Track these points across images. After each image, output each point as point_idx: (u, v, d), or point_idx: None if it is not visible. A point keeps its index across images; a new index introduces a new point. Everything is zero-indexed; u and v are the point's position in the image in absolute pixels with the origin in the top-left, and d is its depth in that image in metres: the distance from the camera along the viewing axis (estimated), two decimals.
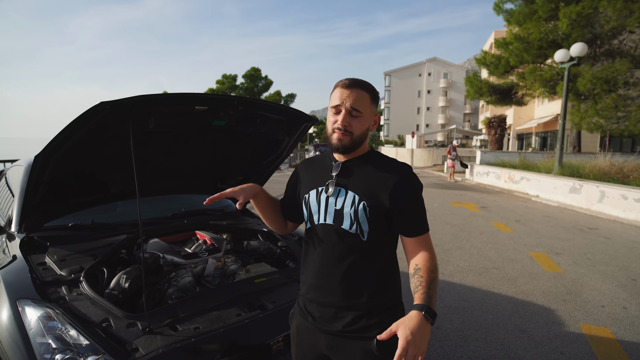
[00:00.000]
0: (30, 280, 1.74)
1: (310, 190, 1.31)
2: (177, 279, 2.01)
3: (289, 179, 1.48)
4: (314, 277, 1.28)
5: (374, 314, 1.22)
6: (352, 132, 1.20)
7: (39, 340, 1.41)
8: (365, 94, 1.20)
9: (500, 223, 7.20)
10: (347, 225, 1.22)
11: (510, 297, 3.68)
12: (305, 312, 1.31)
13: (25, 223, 2.19)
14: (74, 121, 1.59)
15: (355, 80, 1.21)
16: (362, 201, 1.20)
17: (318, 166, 1.38)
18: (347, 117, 1.19)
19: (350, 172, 1.27)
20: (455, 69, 64.96)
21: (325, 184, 1.28)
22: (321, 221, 1.27)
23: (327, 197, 1.26)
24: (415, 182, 1.23)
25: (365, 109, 1.20)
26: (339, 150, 1.23)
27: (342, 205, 1.22)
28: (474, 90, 19.66)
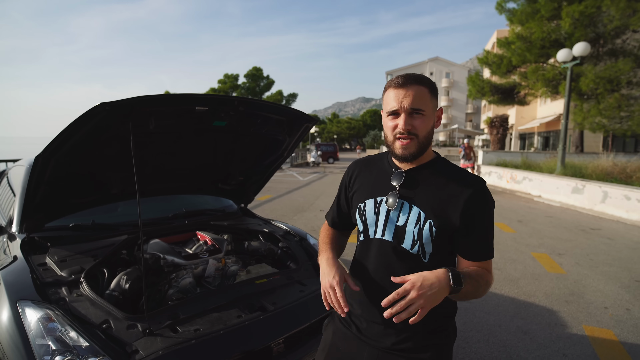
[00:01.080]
0: (31, 281, 1.74)
1: (367, 199, 1.18)
2: (178, 279, 2.01)
3: (341, 180, 1.33)
4: (364, 294, 1.18)
5: (426, 335, 1.12)
6: (417, 135, 1.07)
7: (38, 342, 1.41)
8: (423, 89, 1.06)
9: (502, 223, 7.17)
10: (409, 244, 1.09)
11: (512, 298, 3.66)
12: (350, 322, 1.22)
13: (26, 223, 2.19)
14: (74, 122, 1.58)
15: (408, 76, 1.07)
16: (428, 219, 1.07)
17: (376, 170, 1.23)
18: (409, 119, 1.06)
19: (416, 183, 1.12)
20: (457, 68, 64.86)
21: (385, 194, 1.14)
22: (378, 236, 1.14)
23: (388, 210, 1.12)
24: (490, 200, 1.10)
25: (426, 105, 1.06)
26: (407, 159, 1.10)
27: (405, 222, 1.09)
28: (476, 90, 19.62)
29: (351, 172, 1.30)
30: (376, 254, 1.14)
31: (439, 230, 1.06)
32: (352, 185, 1.27)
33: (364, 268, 1.19)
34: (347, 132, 76.86)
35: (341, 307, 1.06)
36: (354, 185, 1.26)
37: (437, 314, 1.08)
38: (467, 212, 1.06)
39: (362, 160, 1.32)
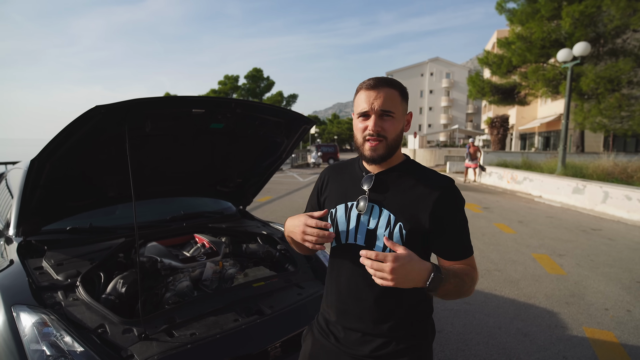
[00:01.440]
0: (27, 285, 1.72)
1: (338, 205, 1.17)
2: (175, 283, 2.00)
3: (314, 186, 1.32)
4: (340, 301, 1.17)
5: (404, 340, 1.12)
6: (386, 137, 1.06)
7: (33, 347, 1.40)
8: (394, 92, 1.07)
9: (502, 224, 7.16)
10: (380, 247, 1.09)
11: (513, 300, 3.65)
12: (328, 332, 1.20)
13: (22, 227, 2.18)
14: (70, 125, 1.57)
15: (380, 79, 1.07)
16: (398, 222, 1.07)
17: (347, 175, 1.22)
18: (379, 120, 1.05)
19: (385, 186, 1.13)
20: (458, 68, 64.86)
21: (356, 198, 1.14)
22: (350, 241, 1.14)
23: (359, 215, 1.12)
24: (459, 199, 1.10)
25: (396, 108, 1.06)
26: (375, 161, 1.10)
27: (375, 226, 1.09)
28: (476, 90, 19.61)
29: (323, 177, 1.29)
30: (350, 260, 1.13)
31: (409, 233, 1.06)
32: (324, 191, 1.26)
33: (339, 274, 1.18)
34: (348, 132, 76.80)
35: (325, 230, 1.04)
36: (325, 190, 1.26)
37: (414, 315, 1.12)
38: (437, 212, 1.06)
39: (334, 165, 1.32)
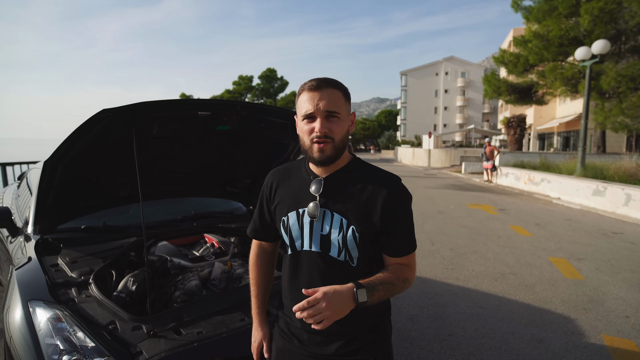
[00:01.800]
0: (43, 281, 1.78)
1: (290, 212, 1.16)
2: (184, 282, 2.03)
3: (260, 193, 1.30)
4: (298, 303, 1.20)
5: (366, 336, 1.16)
6: (333, 138, 1.06)
7: (47, 341, 1.44)
8: (337, 92, 1.06)
9: (518, 226, 7.01)
10: (335, 252, 1.10)
11: (527, 305, 3.57)
12: (290, 335, 1.20)
13: (39, 225, 2.25)
14: (79, 128, 1.62)
15: (322, 80, 1.06)
16: (350, 225, 1.08)
17: (295, 180, 1.20)
18: (325, 122, 1.04)
19: (334, 189, 1.12)
20: (473, 67, 63.88)
21: (306, 204, 1.13)
22: (305, 247, 1.14)
23: (312, 221, 1.11)
24: (406, 197, 1.13)
25: (341, 109, 1.06)
26: (324, 163, 1.09)
27: (329, 231, 1.10)
28: (492, 90, 19.29)
29: (270, 183, 1.26)
30: (307, 266, 1.14)
31: (362, 235, 1.08)
32: (274, 198, 1.23)
33: (298, 280, 1.17)
34: (362, 132, 76.63)
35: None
36: (275, 197, 1.23)
37: (372, 314, 1.16)
38: (387, 212, 1.08)
39: (279, 169, 1.28)
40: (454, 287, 4.01)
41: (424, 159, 28.49)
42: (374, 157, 47.84)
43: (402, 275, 1.11)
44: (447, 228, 6.82)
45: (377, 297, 1.03)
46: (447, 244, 5.74)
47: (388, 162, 34.93)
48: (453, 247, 5.57)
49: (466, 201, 10.11)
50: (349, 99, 1.11)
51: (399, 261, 1.14)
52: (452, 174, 19.94)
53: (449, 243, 5.78)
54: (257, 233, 1.32)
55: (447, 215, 8.02)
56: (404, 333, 2.99)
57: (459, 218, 7.75)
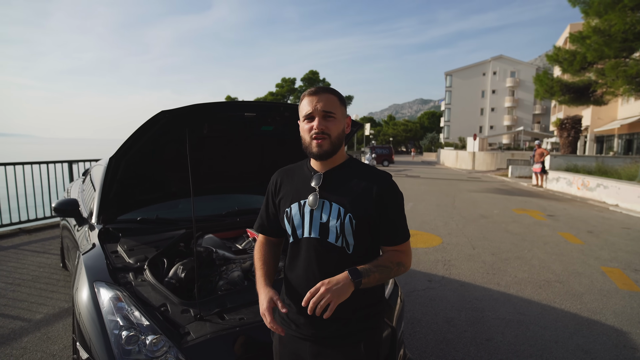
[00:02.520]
0: (105, 266, 1.99)
1: (292, 204, 1.28)
2: (228, 272, 2.17)
3: (267, 190, 1.43)
4: (298, 291, 1.26)
5: (360, 320, 1.25)
6: (329, 135, 1.20)
7: (109, 318, 1.63)
8: (332, 97, 1.22)
9: (568, 233, 6.62)
10: (333, 238, 1.21)
11: (574, 314, 3.40)
12: (288, 321, 1.30)
13: (102, 216, 2.50)
14: (139, 128, 1.80)
15: (319, 87, 1.24)
16: (347, 213, 1.19)
17: (297, 177, 1.34)
18: (322, 120, 1.19)
19: (333, 182, 1.25)
20: (524, 66, 60.61)
21: (307, 196, 1.26)
22: (306, 235, 1.25)
23: (312, 210, 1.23)
24: (397, 190, 1.26)
25: (336, 110, 1.21)
26: (321, 157, 1.22)
27: (327, 219, 1.21)
28: (543, 90, 18.22)
29: (275, 180, 1.40)
30: (306, 252, 1.25)
31: (357, 222, 1.20)
32: (278, 193, 1.36)
33: (297, 267, 1.28)
34: (404, 134, 75.24)
35: (277, 330, 1.23)
36: (279, 192, 1.35)
37: (363, 302, 1.25)
38: (379, 203, 1.21)
39: (283, 169, 1.42)
40: (494, 292, 3.90)
41: (468, 162, 27.48)
42: (415, 159, 46.78)
43: (397, 259, 1.23)
44: (490, 233, 6.59)
45: (373, 278, 1.15)
46: (488, 248, 5.56)
47: (430, 164, 34.07)
48: (495, 252, 5.39)
49: (512, 206, 9.67)
50: (344, 104, 1.26)
51: (394, 248, 1.26)
52: (497, 177, 19.10)
53: (490, 248, 5.59)
54: (263, 228, 1.43)
55: (490, 220, 7.73)
56: (440, 335, 2.97)
57: (503, 223, 7.45)
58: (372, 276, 1.15)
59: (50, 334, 2.85)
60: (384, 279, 1.19)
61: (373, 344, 1.28)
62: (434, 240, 5.97)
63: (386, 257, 1.22)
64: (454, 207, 9.43)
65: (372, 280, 1.15)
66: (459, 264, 4.81)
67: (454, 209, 9.15)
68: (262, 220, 1.44)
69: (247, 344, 1.60)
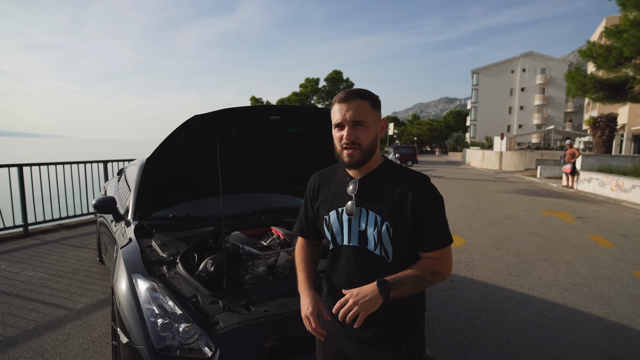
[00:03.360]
0: (141, 259, 2.15)
1: (330, 211, 1.28)
2: (253, 267, 2.29)
3: (305, 194, 1.44)
4: (339, 293, 1.25)
5: (402, 325, 1.25)
6: (360, 144, 1.17)
7: (146, 306, 1.77)
8: (364, 102, 1.17)
9: (599, 236, 6.41)
10: (372, 247, 1.21)
11: (601, 319, 3.33)
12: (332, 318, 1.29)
13: (138, 212, 2.68)
14: (175, 131, 1.94)
15: (350, 92, 1.18)
16: (384, 222, 1.18)
17: (334, 182, 1.33)
18: (352, 130, 1.16)
19: (368, 189, 1.23)
20: (556, 63, 58.33)
21: (344, 203, 1.25)
22: (345, 242, 1.25)
23: (350, 218, 1.23)
24: (435, 193, 1.21)
25: (367, 117, 1.17)
26: (352, 167, 1.21)
27: (365, 227, 1.20)
28: (575, 87, 17.53)
29: (312, 185, 1.40)
30: (346, 259, 1.26)
31: (395, 230, 1.17)
32: (316, 198, 1.36)
33: (339, 272, 1.29)
34: (428, 134, 74.06)
35: (319, 334, 1.24)
36: (317, 197, 1.36)
37: (402, 307, 1.24)
38: (416, 208, 1.17)
39: (320, 173, 1.41)
40: (517, 294, 3.86)
41: (495, 162, 26.80)
42: (440, 159, 45.97)
43: (432, 268, 1.18)
44: (515, 234, 6.47)
45: (404, 289, 1.12)
46: (513, 250, 5.48)
47: (455, 164, 33.43)
48: (520, 254, 5.30)
49: (539, 207, 9.42)
50: (377, 107, 1.21)
51: (431, 255, 1.21)
52: (525, 178, 18.56)
53: (515, 249, 5.51)
54: (303, 232, 1.45)
55: (516, 221, 7.58)
56: (460, 334, 2.99)
57: (529, 225, 7.29)
58: (403, 287, 1.12)
59: (90, 322, 3.06)
60: (416, 289, 1.15)
61: (416, 345, 1.27)
62: (457, 241, 5.93)
63: (421, 266, 1.18)
64: (479, 207, 9.28)
65: (403, 291, 1.12)
66: (481, 265, 4.77)
67: (479, 209, 9.00)
68: (302, 224, 1.45)
69: (271, 334, 1.70)
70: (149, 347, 1.60)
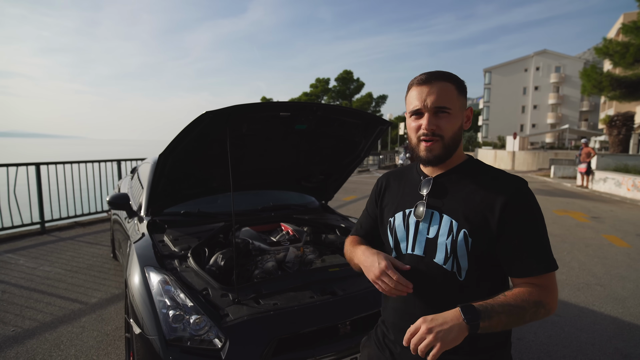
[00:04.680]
0: (153, 253, 2.20)
1: (396, 213, 1.09)
2: (263, 262, 2.32)
3: (371, 191, 1.24)
4: (395, 316, 1.09)
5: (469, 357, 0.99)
6: (442, 136, 0.97)
7: (158, 298, 1.81)
8: (449, 85, 0.97)
9: (614, 236, 6.29)
10: (441, 259, 0.97)
11: (614, 318, 3.27)
12: (384, 345, 1.12)
13: (151, 208, 2.74)
14: (186, 127, 1.99)
15: (432, 73, 0.98)
16: (462, 229, 0.95)
17: (405, 181, 1.14)
18: (433, 118, 0.96)
19: (445, 189, 1.02)
20: (571, 61, 57.27)
21: (413, 204, 1.05)
22: (409, 251, 1.04)
23: (417, 222, 1.02)
24: (533, 203, 0.95)
25: (452, 103, 0.96)
26: (431, 163, 1.01)
27: (436, 234, 0.99)
28: (591, 85, 17.22)
29: (381, 183, 1.22)
30: (408, 273, 1.00)
31: (475, 241, 0.94)
32: (383, 197, 1.18)
33: None
34: None
35: (404, 287, 0.94)
36: (384, 197, 1.18)
37: (483, 342, 0.98)
38: (505, 218, 0.93)
39: (392, 172, 1.23)
40: None
41: (507, 161, 26.46)
42: None
43: (534, 297, 0.89)
44: None
45: (496, 322, 0.86)
46: None
47: None
48: None
49: (552, 207, 9.27)
50: (463, 93, 1.00)
51: (530, 281, 0.93)
52: (538, 177, 18.28)
53: None
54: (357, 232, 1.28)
55: None
56: None
57: None
58: (497, 318, 0.85)
59: (104, 316, 3.14)
60: (512, 324, 0.88)
61: None
62: None
63: (519, 293, 0.90)
64: None
65: (494, 324, 0.85)
66: None
67: None
68: (358, 226, 1.28)
69: (280, 326, 1.72)
70: (161, 337, 1.64)
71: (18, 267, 4.33)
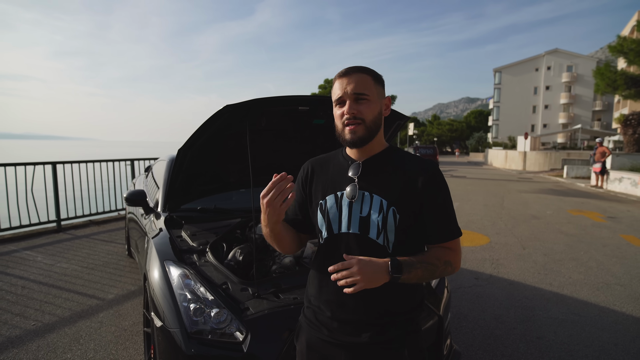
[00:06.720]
0: (171, 248, 2.21)
1: (327, 196, 1.15)
2: (280, 257, 2.32)
3: (296, 179, 1.27)
4: (330, 293, 1.14)
5: (401, 325, 1.12)
6: (363, 119, 1.07)
7: (179, 292, 1.82)
8: (366, 76, 1.09)
9: (632, 236, 6.16)
10: (374, 234, 1.08)
11: (637, 318, 3.20)
12: (318, 325, 1.16)
13: (168, 204, 2.76)
14: (206, 122, 1.99)
15: (351, 67, 1.11)
16: (391, 206, 1.07)
17: (332, 166, 1.21)
18: (353, 104, 1.07)
19: (373, 172, 1.13)
20: (583, 60, 56.42)
21: (344, 187, 1.13)
22: (343, 230, 1.11)
23: (350, 203, 1.11)
24: (443, 181, 1.13)
25: (370, 90, 1.08)
26: (356, 144, 1.10)
27: (368, 212, 1.09)
28: (604, 84, 16.96)
29: (306, 169, 1.27)
30: (345, 249, 1.10)
31: (402, 217, 1.07)
32: (310, 182, 1.23)
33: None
34: (449, 134, 72.92)
35: (282, 179, 1.03)
36: (312, 182, 1.23)
37: (404, 302, 1.14)
38: (427, 194, 1.09)
39: (316, 158, 1.28)
40: (545, 292, 3.76)
41: (518, 162, 26.15)
42: (459, 159, 45.18)
43: (444, 257, 1.09)
44: (542, 233, 6.30)
45: (414, 274, 1.02)
46: (540, 249, 5.34)
47: (476, 165, 32.79)
48: (547, 252, 5.16)
49: (567, 207, 9.13)
50: (380, 83, 1.13)
51: (442, 245, 1.12)
52: (551, 178, 18.02)
53: (542, 248, 5.36)
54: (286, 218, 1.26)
55: (542, 221, 7.37)
56: (488, 330, 2.94)
57: (556, 224, 7.08)
58: (414, 272, 1.02)
59: (121, 312, 3.17)
60: (427, 277, 1.06)
61: (417, 349, 1.14)
62: (481, 240, 5.82)
63: (433, 254, 1.09)
64: (503, 207, 9.07)
65: (412, 276, 1.02)
66: (507, 263, 4.67)
67: (503, 209, 8.80)
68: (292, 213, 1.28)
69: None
70: (183, 330, 1.65)
71: (36, 264, 4.41)
